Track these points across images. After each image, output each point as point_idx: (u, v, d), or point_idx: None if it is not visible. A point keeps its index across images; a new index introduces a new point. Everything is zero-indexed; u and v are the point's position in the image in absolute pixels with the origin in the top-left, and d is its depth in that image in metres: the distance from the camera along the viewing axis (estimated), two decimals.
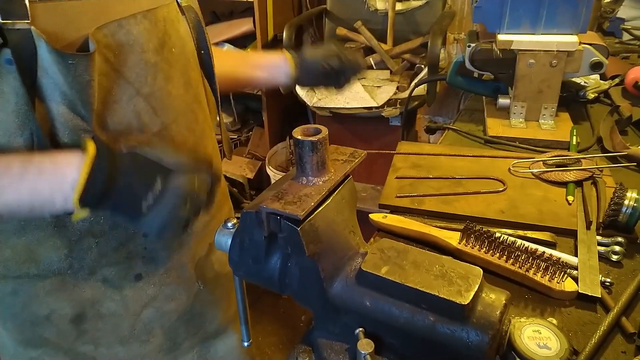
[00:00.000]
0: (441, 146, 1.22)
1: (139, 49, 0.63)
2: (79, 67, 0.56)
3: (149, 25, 0.64)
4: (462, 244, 0.81)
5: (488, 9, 1.20)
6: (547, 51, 1.17)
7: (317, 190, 0.58)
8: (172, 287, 0.79)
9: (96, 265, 0.72)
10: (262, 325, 2.16)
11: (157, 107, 0.68)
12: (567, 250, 0.84)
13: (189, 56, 0.73)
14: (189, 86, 0.74)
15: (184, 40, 0.72)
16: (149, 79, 0.65)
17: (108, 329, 0.77)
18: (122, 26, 0.61)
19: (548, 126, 1.24)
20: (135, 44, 0.63)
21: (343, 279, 0.60)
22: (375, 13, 2.49)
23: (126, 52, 0.62)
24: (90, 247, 0.70)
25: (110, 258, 0.72)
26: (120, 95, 0.63)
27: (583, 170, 1.00)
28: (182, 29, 0.72)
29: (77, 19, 0.56)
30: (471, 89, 1.42)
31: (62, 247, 0.69)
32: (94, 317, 0.76)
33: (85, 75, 0.57)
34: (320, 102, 2.20)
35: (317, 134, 0.58)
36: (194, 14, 0.74)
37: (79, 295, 0.74)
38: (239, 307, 0.72)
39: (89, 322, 0.76)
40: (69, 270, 0.71)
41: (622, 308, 0.70)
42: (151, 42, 0.65)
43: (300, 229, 0.55)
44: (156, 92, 0.67)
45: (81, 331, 0.76)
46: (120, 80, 0.63)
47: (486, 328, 0.53)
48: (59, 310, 0.74)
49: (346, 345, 0.62)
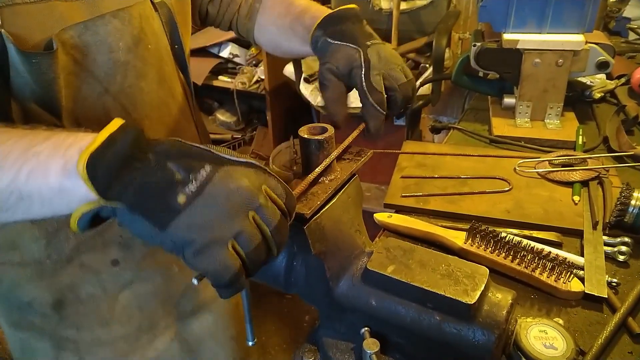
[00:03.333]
0: (446, 146, 1.22)
1: (106, 49, 0.65)
2: (42, 65, 0.58)
3: (119, 24, 0.66)
4: (467, 244, 0.81)
5: (493, 8, 1.19)
6: (553, 50, 1.16)
7: (324, 188, 0.58)
8: (149, 271, 0.82)
9: (74, 254, 0.76)
10: (266, 325, 2.16)
11: (127, 104, 0.70)
12: (573, 251, 0.83)
13: (163, 52, 0.76)
14: (163, 81, 0.76)
15: (158, 37, 0.74)
16: (118, 78, 0.68)
17: (88, 312, 0.80)
18: (88, 27, 0.63)
19: (554, 126, 1.23)
20: (102, 44, 0.65)
21: (349, 278, 0.60)
22: (380, 12, 2.49)
23: (94, 52, 0.64)
24: (67, 237, 0.74)
25: (87, 245, 0.76)
26: (89, 93, 0.66)
27: (589, 170, 1.00)
28: (155, 25, 0.74)
29: (45, 22, 0.58)
30: (476, 89, 1.42)
31: (40, 237, 0.73)
32: (74, 302, 0.79)
33: (49, 73, 0.59)
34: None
35: (324, 133, 0.59)
36: (167, 9, 0.76)
37: (58, 282, 0.77)
38: (243, 306, 0.72)
39: (70, 307, 0.79)
40: (48, 259, 0.75)
41: (629, 308, 0.70)
42: (122, 40, 0.67)
43: (307, 228, 0.55)
44: (126, 90, 0.69)
45: (63, 316, 0.79)
46: (89, 79, 0.65)
47: (492, 327, 0.53)
48: (39, 297, 0.77)
49: (352, 345, 0.62)
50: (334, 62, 0.69)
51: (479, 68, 1.27)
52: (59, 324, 0.80)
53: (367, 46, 0.68)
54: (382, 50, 0.69)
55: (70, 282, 0.77)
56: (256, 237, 0.43)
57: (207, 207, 0.41)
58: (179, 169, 0.42)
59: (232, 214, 0.42)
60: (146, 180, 0.41)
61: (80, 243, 0.75)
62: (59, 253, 0.75)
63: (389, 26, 2.44)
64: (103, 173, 0.41)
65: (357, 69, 0.68)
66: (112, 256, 0.78)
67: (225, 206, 0.42)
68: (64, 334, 0.81)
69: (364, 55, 0.67)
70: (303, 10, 0.82)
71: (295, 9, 0.84)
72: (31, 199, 0.43)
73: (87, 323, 0.81)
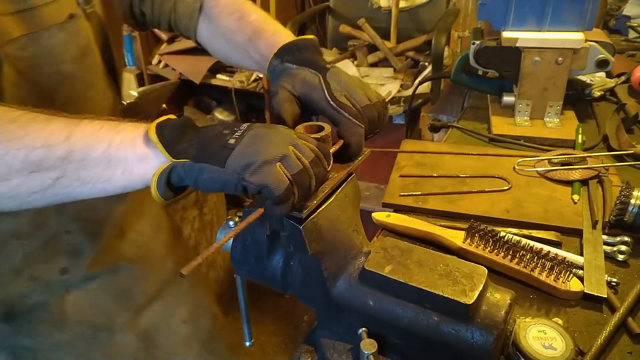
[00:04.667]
0: (445, 144, 1.21)
1: (53, 60, 0.66)
2: None
3: (66, 36, 0.67)
4: (466, 243, 0.80)
5: (493, 6, 1.19)
6: (553, 49, 1.16)
7: (321, 188, 0.57)
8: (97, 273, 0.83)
9: (22, 266, 0.76)
10: (264, 325, 2.16)
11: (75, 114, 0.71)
12: (572, 250, 0.83)
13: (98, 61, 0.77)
14: (107, 89, 0.79)
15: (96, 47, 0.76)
16: (65, 89, 0.69)
17: (39, 318, 0.80)
18: (33, 40, 0.63)
19: (553, 124, 1.23)
20: (48, 55, 0.65)
21: (346, 278, 0.60)
22: (379, 10, 2.49)
23: (40, 64, 0.65)
24: (15, 249, 0.74)
25: (35, 256, 0.76)
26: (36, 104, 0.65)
27: (589, 169, 0.99)
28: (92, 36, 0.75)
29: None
30: (476, 87, 1.41)
31: None
32: (24, 312, 0.79)
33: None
34: None
35: (321, 131, 0.58)
36: (97, 19, 0.76)
37: (7, 295, 0.77)
38: (240, 307, 0.72)
39: (20, 316, 0.79)
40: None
41: (629, 308, 0.70)
42: (69, 52, 0.68)
43: (303, 228, 0.54)
44: (74, 100, 0.70)
45: (15, 327, 0.80)
46: (35, 91, 0.66)
47: (491, 328, 0.53)
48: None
49: (349, 345, 0.62)
50: (289, 81, 0.65)
51: (478, 66, 1.26)
52: (12, 335, 0.80)
53: (326, 69, 0.65)
54: (342, 75, 0.65)
55: (18, 294, 0.78)
56: (297, 163, 0.49)
57: (253, 142, 0.50)
58: (224, 128, 0.52)
59: (276, 143, 0.49)
60: (202, 138, 0.50)
61: (28, 254, 0.75)
62: (7, 265, 0.75)
63: (388, 24, 2.43)
64: (169, 134, 0.50)
65: (319, 92, 0.63)
66: (61, 265, 0.79)
67: (269, 139, 0.50)
68: (19, 343, 0.81)
69: (323, 78, 0.64)
70: (256, 31, 0.78)
71: (247, 26, 0.79)
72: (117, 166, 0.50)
73: (41, 329, 0.81)
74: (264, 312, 2.19)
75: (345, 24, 2.52)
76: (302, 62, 0.67)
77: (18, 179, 0.49)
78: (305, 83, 0.64)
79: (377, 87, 2.21)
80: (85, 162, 0.50)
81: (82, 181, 0.51)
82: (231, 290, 2.60)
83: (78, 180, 0.51)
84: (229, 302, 2.30)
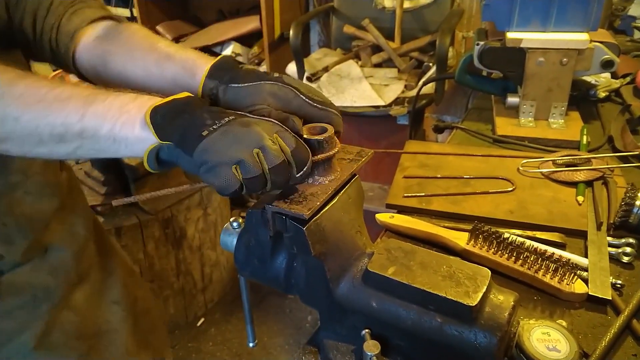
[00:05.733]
0: (449, 145, 1.21)
1: None
2: None
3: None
4: (470, 245, 0.80)
5: (497, 7, 1.19)
6: (557, 49, 1.15)
7: (324, 189, 0.57)
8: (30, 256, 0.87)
9: None
10: (267, 326, 2.16)
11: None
12: (577, 252, 0.82)
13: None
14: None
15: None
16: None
17: None
18: None
19: (558, 125, 1.22)
20: None
21: (349, 280, 0.60)
22: (383, 11, 2.48)
23: None
24: None
25: None
26: None
27: (593, 170, 0.99)
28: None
29: None
30: (480, 88, 1.41)
31: None
32: None
33: None
34: None
35: (324, 133, 0.58)
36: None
37: None
38: (244, 307, 0.72)
39: None
40: None
41: (633, 310, 0.69)
42: None
43: (306, 229, 0.54)
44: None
45: None
46: None
47: (494, 330, 0.53)
48: None
49: (352, 347, 0.62)
50: (261, 101, 0.61)
51: (482, 67, 1.26)
52: None
53: (280, 77, 0.62)
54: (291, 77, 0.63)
55: None
56: (253, 169, 0.51)
57: (220, 139, 0.52)
58: (210, 117, 0.54)
59: (238, 145, 0.51)
60: (186, 124, 0.54)
61: None
62: None
63: (392, 25, 2.43)
64: (161, 119, 0.55)
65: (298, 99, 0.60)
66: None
67: (235, 139, 0.52)
68: None
69: (291, 86, 0.61)
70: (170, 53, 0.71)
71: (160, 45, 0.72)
72: (120, 143, 0.58)
73: None
74: (267, 313, 2.19)
75: (349, 25, 2.52)
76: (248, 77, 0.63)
77: (49, 146, 0.60)
78: (276, 97, 0.61)
79: (381, 87, 2.21)
80: (96, 139, 0.58)
81: (96, 151, 0.60)
82: (234, 291, 2.62)
83: (93, 149, 0.60)
84: (232, 302, 2.31)
